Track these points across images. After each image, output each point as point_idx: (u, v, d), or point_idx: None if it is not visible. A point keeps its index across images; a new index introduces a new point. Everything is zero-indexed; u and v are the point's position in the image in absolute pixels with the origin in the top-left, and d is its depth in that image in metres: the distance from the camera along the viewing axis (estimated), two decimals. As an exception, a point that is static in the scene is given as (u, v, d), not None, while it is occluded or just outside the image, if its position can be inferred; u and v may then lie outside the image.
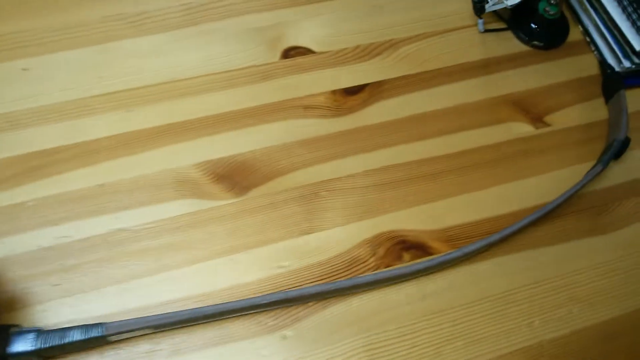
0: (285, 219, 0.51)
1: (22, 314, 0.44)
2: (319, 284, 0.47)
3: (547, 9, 0.62)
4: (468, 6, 0.63)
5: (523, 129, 0.58)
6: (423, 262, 0.48)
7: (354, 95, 0.58)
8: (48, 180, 0.50)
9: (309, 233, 0.50)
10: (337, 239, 0.50)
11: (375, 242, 0.50)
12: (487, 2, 0.61)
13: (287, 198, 0.52)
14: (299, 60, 0.59)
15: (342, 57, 0.60)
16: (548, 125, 0.59)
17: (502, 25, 0.64)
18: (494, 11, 0.63)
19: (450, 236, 0.51)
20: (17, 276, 0.45)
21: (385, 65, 0.60)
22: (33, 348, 0.39)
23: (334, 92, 0.58)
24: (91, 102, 0.54)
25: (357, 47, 0.61)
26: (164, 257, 0.47)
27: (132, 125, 0.53)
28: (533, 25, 0.62)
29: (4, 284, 0.45)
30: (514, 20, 0.63)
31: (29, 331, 0.40)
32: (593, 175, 0.54)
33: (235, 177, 0.52)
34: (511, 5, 0.60)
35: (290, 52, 0.59)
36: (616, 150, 0.55)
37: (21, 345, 0.39)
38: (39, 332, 0.41)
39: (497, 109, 0.59)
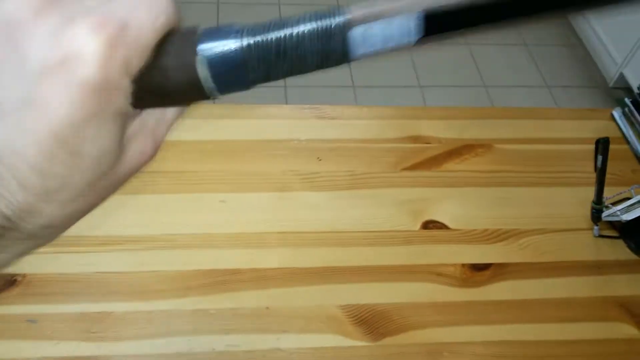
0: (412, 370, 0.59)
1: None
2: None
3: (658, 227, 0.71)
4: (586, 212, 0.73)
5: (629, 331, 0.65)
6: None
7: (480, 271, 0.67)
8: (227, 294, 0.61)
9: (431, 387, 0.58)
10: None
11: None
12: (603, 212, 0.71)
13: (415, 352, 0.60)
14: (435, 232, 0.70)
15: (471, 237, 0.71)
16: (653, 332, 0.65)
17: (615, 234, 0.73)
18: (609, 221, 0.73)
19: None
20: (192, 370, 0.56)
21: (509, 250, 0.70)
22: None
23: (463, 265, 0.68)
24: (268, 237, 0.67)
25: (486, 230, 0.71)
26: (311, 380, 0.56)
27: (297, 262, 0.65)
28: (643, 239, 0.71)
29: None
30: (626, 231, 0.72)
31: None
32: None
33: (373, 323, 0.62)
34: (626, 220, 0.69)
35: (429, 225, 0.71)
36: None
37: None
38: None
39: (605, 308, 0.66)
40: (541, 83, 2.13)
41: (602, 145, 0.63)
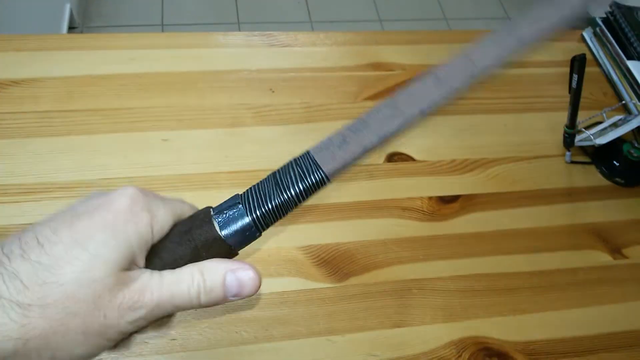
0: (379, 310, 0.55)
1: (140, 361, 0.48)
2: (407, 377, 0.50)
3: (631, 150, 0.67)
4: (557, 138, 0.70)
5: (601, 258, 0.62)
6: (506, 371, 0.51)
7: (448, 204, 0.63)
8: (174, 241, 0.55)
9: (399, 326, 0.54)
10: (425, 337, 0.54)
11: (461, 345, 0.54)
12: (576, 137, 0.67)
13: (382, 290, 0.56)
14: (401, 165, 0.66)
15: (438, 168, 0.66)
16: (626, 257, 0.63)
17: (587, 159, 0.69)
18: (581, 146, 0.69)
19: (533, 350, 0.54)
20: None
21: (477, 181, 0.66)
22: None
23: (430, 198, 0.63)
24: (218, 177, 0.61)
25: (453, 161, 0.67)
26: (271, 328, 0.52)
27: (251, 203, 0.59)
28: (616, 164, 0.68)
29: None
30: (598, 156, 0.69)
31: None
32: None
33: (336, 264, 0.57)
34: (599, 144, 0.66)
35: (394, 157, 0.66)
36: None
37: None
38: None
39: (577, 236, 0.63)
40: (502, 14, 2.07)
41: (578, 63, 0.59)
